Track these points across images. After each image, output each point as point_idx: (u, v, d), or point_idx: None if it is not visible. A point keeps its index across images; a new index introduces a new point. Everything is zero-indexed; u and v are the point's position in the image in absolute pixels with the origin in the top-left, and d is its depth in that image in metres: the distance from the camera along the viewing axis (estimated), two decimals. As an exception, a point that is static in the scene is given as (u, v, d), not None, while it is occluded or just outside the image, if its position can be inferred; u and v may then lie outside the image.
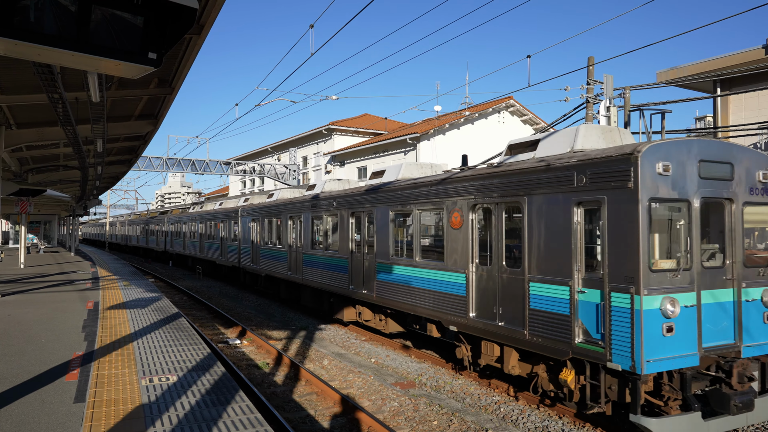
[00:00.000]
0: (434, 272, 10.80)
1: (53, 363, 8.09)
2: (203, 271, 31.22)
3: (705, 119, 21.71)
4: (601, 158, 7.42)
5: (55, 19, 3.19)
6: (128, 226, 57.95)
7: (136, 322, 11.61)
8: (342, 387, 10.03)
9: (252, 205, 22.99)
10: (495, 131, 33.81)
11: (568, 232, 7.83)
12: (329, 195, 15.62)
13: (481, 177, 9.65)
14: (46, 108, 11.27)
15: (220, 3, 6.88)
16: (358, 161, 37.02)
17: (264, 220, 21.01)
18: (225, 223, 26.01)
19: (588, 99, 17.37)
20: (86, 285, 18.31)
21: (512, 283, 8.84)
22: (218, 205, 29.50)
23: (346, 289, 14.30)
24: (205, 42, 8.63)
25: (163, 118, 14.27)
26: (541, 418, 8.41)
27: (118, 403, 6.31)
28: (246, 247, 22.96)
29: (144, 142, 18.44)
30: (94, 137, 13.07)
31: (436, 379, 10.54)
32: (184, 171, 34.97)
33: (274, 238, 20.02)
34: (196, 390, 6.84)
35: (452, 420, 8.29)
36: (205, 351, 9.00)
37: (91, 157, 17.74)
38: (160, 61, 3.56)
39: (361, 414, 8.20)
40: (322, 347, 13.21)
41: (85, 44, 3.26)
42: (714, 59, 16.99)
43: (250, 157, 53.09)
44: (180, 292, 24.27)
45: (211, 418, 5.86)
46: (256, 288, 23.44)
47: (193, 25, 3.60)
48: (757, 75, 15.31)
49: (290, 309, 19.17)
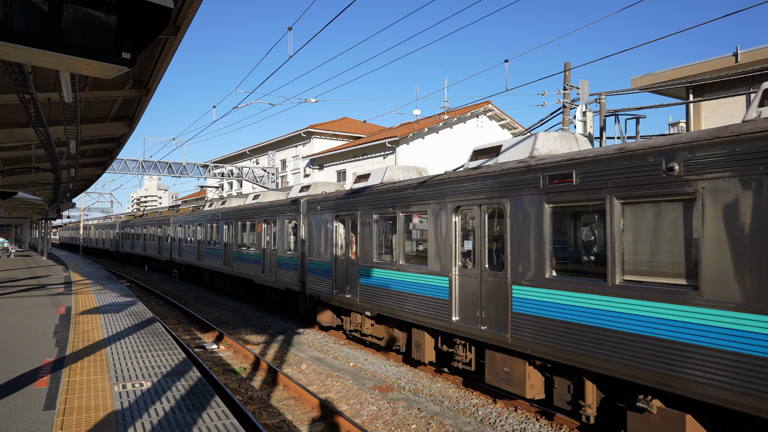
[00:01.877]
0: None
1: (22, 370, 7.89)
2: (181, 275, 30.90)
3: (678, 125, 22.18)
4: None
5: (25, 17, 3.12)
6: (126, 229, 47.16)
7: (109, 327, 11.39)
8: (320, 391, 9.97)
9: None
10: (474, 135, 34.06)
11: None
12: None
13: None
14: (17, 109, 11.01)
15: (197, 3, 6.80)
16: (337, 164, 36.96)
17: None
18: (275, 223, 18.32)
19: (565, 104, 17.60)
20: (58, 290, 17.92)
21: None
22: (251, 199, 21.95)
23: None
24: (182, 43, 8.53)
25: (139, 120, 14.05)
26: (519, 420, 8.46)
27: (89, 409, 6.17)
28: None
29: (119, 144, 18.14)
30: (68, 139, 12.80)
31: (414, 382, 10.54)
32: (160, 174, 34.47)
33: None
34: (170, 396, 6.73)
35: (431, 423, 8.29)
36: (180, 356, 8.86)
37: (65, 160, 17.38)
38: (134, 61, 3.50)
39: (339, 418, 8.16)
40: (300, 351, 13.12)
41: (55, 43, 3.19)
42: (686, 66, 17.35)
43: (228, 160, 52.67)
44: (156, 296, 23.90)
45: (186, 424, 5.76)
46: (264, 299, 20.65)
47: (168, 25, 3.55)
48: (727, 82, 15.68)
49: (268, 313, 19.01)
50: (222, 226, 23.20)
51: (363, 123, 43.55)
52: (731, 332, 5.70)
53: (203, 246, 25.80)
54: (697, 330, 6.01)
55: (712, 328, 5.88)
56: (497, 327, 8.73)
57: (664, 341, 6.30)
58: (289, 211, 16.82)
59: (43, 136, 11.69)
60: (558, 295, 7.64)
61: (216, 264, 23.87)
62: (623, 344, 6.73)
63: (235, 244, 21.55)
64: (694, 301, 6.04)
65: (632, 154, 6.74)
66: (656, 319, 6.40)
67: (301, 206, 15.94)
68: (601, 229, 7.25)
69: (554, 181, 7.74)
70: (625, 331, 6.72)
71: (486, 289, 9.05)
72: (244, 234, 20.89)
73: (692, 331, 6.05)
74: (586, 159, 7.32)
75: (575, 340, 7.34)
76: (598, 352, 7.02)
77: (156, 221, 35.51)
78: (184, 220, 29.43)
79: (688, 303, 6.11)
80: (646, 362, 6.46)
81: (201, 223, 26.27)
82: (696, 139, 6.13)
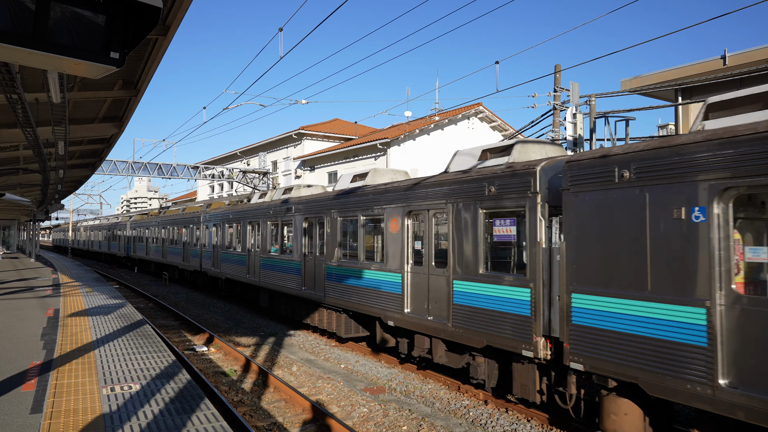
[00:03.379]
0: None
1: (9, 373, 7.80)
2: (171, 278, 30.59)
3: (667, 127, 22.33)
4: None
5: (12, 16, 3.08)
6: (137, 229, 38.23)
7: (98, 329, 11.29)
8: (311, 393, 9.93)
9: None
10: (465, 137, 34.13)
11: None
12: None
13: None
14: (4, 109, 10.90)
15: (186, 3, 6.76)
16: (328, 166, 36.91)
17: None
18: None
19: (555, 106, 17.68)
20: (46, 292, 17.75)
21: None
22: (281, 194, 18.11)
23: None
24: (172, 43, 8.49)
25: (129, 121, 13.95)
26: (510, 421, 8.47)
27: (77, 413, 6.11)
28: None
29: (108, 145, 18.00)
30: (56, 140, 12.69)
31: (405, 384, 10.53)
32: (150, 175, 34.26)
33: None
34: (160, 398, 6.68)
35: (422, 425, 8.28)
36: (170, 358, 8.80)
37: (53, 161, 17.23)
38: (122, 61, 3.47)
39: (330, 420, 8.13)
40: (291, 353, 13.07)
41: (43, 42, 3.16)
42: (675, 69, 17.49)
43: (219, 162, 52.42)
44: (146, 298, 23.73)
45: (175, 426, 5.72)
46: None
47: (157, 24, 3.53)
48: (716, 84, 15.82)
49: (259, 315, 18.93)
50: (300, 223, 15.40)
51: (354, 124, 43.53)
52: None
53: (259, 255, 18.08)
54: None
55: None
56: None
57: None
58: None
59: (31, 137, 11.58)
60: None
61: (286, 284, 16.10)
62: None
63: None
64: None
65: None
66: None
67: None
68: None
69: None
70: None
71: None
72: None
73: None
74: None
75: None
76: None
77: (181, 220, 28.10)
78: (225, 217, 21.39)
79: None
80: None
81: (255, 221, 18.59)
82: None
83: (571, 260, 7.22)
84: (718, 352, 5.61)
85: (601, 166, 6.82)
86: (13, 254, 46.74)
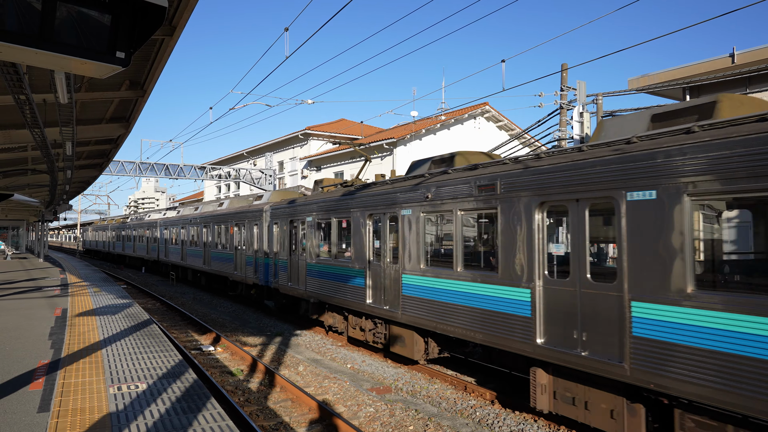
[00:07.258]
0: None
1: (17, 372, 7.84)
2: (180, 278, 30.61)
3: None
4: None
5: (18, 16, 3.10)
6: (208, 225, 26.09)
7: (105, 329, 11.34)
8: (317, 393, 9.93)
9: None
10: (471, 137, 34.07)
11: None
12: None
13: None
14: (12, 110, 10.97)
15: (192, 3, 6.77)
16: (334, 166, 36.94)
17: None
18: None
19: (562, 105, 17.60)
20: (55, 292, 17.86)
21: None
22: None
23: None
24: (178, 44, 8.51)
25: (135, 122, 14.01)
26: (517, 421, 8.44)
27: (84, 412, 6.13)
28: None
29: (116, 146, 18.08)
30: (63, 140, 12.75)
31: (412, 384, 10.51)
32: (157, 176, 34.45)
33: None
34: (166, 398, 6.69)
35: (428, 425, 8.27)
36: (176, 358, 8.82)
37: (61, 161, 17.32)
38: (128, 60, 3.48)
39: (336, 420, 8.12)
40: (298, 353, 13.08)
41: (49, 42, 3.17)
42: (683, 67, 17.36)
43: (226, 162, 52.58)
44: (153, 298, 23.83)
45: (182, 426, 5.73)
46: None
47: (163, 24, 3.53)
48: (724, 83, 15.70)
49: (266, 315, 18.97)
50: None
51: (360, 124, 43.57)
52: None
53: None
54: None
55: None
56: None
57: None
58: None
59: (38, 137, 11.65)
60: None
61: None
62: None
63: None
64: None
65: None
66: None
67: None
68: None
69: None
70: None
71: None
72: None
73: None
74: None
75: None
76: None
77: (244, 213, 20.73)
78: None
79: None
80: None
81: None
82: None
83: None
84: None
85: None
86: (22, 255, 47.05)
